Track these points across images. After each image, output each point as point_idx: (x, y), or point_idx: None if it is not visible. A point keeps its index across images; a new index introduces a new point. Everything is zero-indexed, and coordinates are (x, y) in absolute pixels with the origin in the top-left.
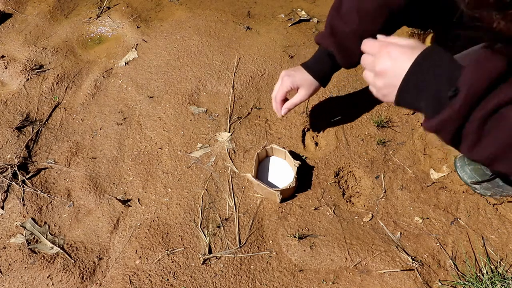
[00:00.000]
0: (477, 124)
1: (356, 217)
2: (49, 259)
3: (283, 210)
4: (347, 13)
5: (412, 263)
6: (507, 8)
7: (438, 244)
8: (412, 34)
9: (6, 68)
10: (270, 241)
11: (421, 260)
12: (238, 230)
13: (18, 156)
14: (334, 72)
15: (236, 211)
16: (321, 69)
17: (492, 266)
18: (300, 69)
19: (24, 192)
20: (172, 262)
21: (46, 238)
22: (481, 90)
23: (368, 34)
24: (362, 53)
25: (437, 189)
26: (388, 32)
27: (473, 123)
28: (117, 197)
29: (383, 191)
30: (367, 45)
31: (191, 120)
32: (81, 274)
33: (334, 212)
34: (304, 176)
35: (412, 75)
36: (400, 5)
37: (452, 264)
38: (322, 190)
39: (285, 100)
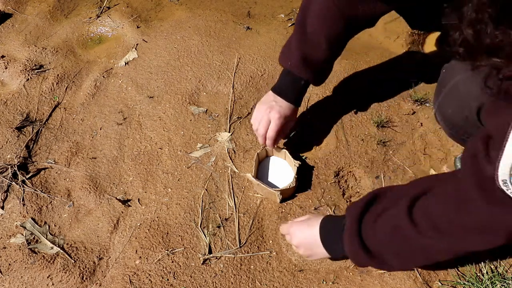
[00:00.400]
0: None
1: None
2: (49, 259)
3: (283, 210)
4: (315, 38)
5: None
6: (494, 55)
7: None
8: (412, 34)
9: (6, 68)
10: (270, 241)
11: None
12: (238, 230)
13: (18, 156)
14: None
15: (236, 211)
16: (297, 94)
17: (492, 266)
18: (278, 100)
19: (24, 192)
20: (172, 262)
21: (46, 238)
22: (357, 215)
23: (340, 52)
24: (332, 67)
25: None
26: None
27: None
28: (117, 197)
29: None
30: (281, 230)
31: (191, 120)
32: (81, 274)
33: (334, 212)
34: (304, 176)
35: (324, 237)
36: (367, 16)
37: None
38: (322, 190)
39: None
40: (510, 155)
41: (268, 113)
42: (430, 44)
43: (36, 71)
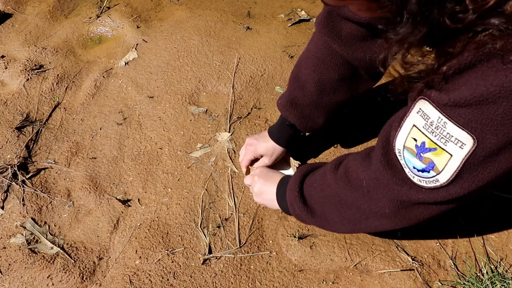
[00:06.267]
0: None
1: None
2: (49, 259)
3: None
4: (306, 83)
5: (412, 263)
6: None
7: (438, 244)
8: None
9: (6, 68)
10: (270, 241)
11: (421, 260)
12: (238, 230)
13: (18, 156)
14: (299, 135)
15: (236, 211)
16: (283, 136)
17: (492, 266)
18: (265, 136)
19: (24, 192)
20: (172, 262)
21: (46, 238)
22: (302, 173)
23: (331, 103)
24: (325, 119)
25: None
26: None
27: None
28: (117, 197)
29: None
30: (246, 181)
31: (191, 120)
32: (81, 274)
33: None
34: None
35: (277, 193)
36: (369, 58)
37: (452, 264)
38: None
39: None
40: (406, 130)
41: (245, 146)
42: None
43: (36, 71)
